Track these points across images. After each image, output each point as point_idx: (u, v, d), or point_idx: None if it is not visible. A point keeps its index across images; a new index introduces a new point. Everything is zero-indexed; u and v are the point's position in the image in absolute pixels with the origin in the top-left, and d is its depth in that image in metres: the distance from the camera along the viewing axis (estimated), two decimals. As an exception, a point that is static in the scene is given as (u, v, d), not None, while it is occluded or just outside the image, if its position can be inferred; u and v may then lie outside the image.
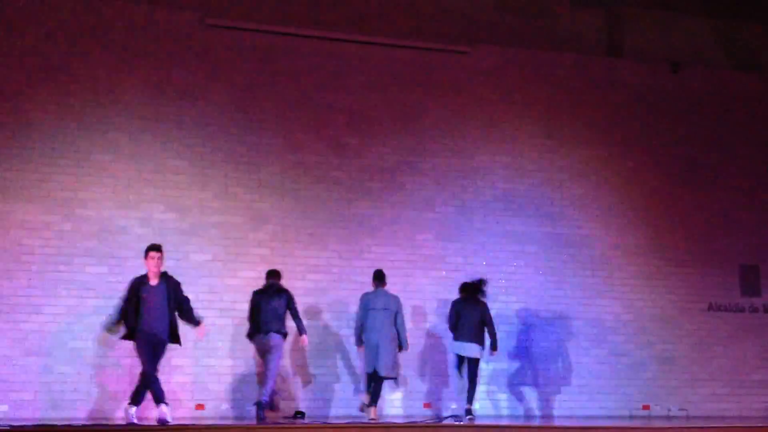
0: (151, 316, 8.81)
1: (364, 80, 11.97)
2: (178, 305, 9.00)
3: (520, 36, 12.88)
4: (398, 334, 10.13)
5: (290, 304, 9.95)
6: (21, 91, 10.73)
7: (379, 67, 12.06)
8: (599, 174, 12.57)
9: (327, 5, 12.16)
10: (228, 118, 11.33)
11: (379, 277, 10.33)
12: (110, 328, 9.13)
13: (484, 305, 10.49)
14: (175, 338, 9.03)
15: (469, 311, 10.35)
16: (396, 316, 10.16)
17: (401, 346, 10.17)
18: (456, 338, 10.37)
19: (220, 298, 10.80)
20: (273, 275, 10.15)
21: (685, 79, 13.22)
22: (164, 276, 9.02)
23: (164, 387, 10.30)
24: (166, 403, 8.79)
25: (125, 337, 8.98)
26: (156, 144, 11.03)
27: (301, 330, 9.96)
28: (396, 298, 10.29)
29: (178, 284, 9.10)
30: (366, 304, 10.15)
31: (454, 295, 10.64)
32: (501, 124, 12.35)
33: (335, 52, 11.90)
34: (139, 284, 8.93)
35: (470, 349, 10.27)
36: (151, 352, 8.82)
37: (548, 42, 12.97)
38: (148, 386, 8.80)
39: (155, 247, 9.06)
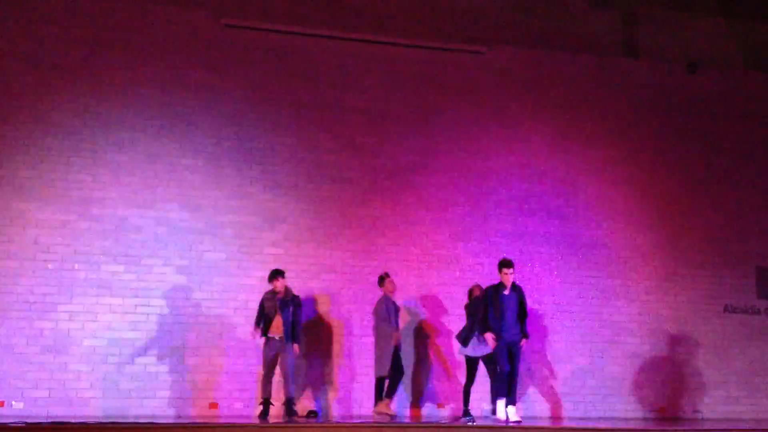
0: (506, 321, 9.68)
1: (380, 80, 11.97)
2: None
3: (536, 37, 12.85)
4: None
5: (296, 311, 10.17)
6: (38, 91, 10.82)
7: (395, 68, 12.06)
8: (615, 175, 12.51)
9: (342, 5, 12.17)
10: (243, 118, 11.38)
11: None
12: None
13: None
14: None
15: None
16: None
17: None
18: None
19: (234, 297, 10.82)
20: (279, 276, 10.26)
21: (701, 80, 13.15)
22: (514, 287, 9.83)
23: (178, 386, 10.40)
24: (513, 404, 9.63)
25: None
26: (171, 143, 11.09)
27: (297, 338, 10.12)
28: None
29: (522, 294, 9.88)
30: (394, 308, 10.34)
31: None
32: (516, 125, 12.33)
33: (350, 52, 11.92)
34: (495, 291, 9.81)
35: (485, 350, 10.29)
36: (507, 353, 9.66)
37: (565, 43, 12.92)
38: (506, 383, 9.71)
39: (505, 263, 9.81)
